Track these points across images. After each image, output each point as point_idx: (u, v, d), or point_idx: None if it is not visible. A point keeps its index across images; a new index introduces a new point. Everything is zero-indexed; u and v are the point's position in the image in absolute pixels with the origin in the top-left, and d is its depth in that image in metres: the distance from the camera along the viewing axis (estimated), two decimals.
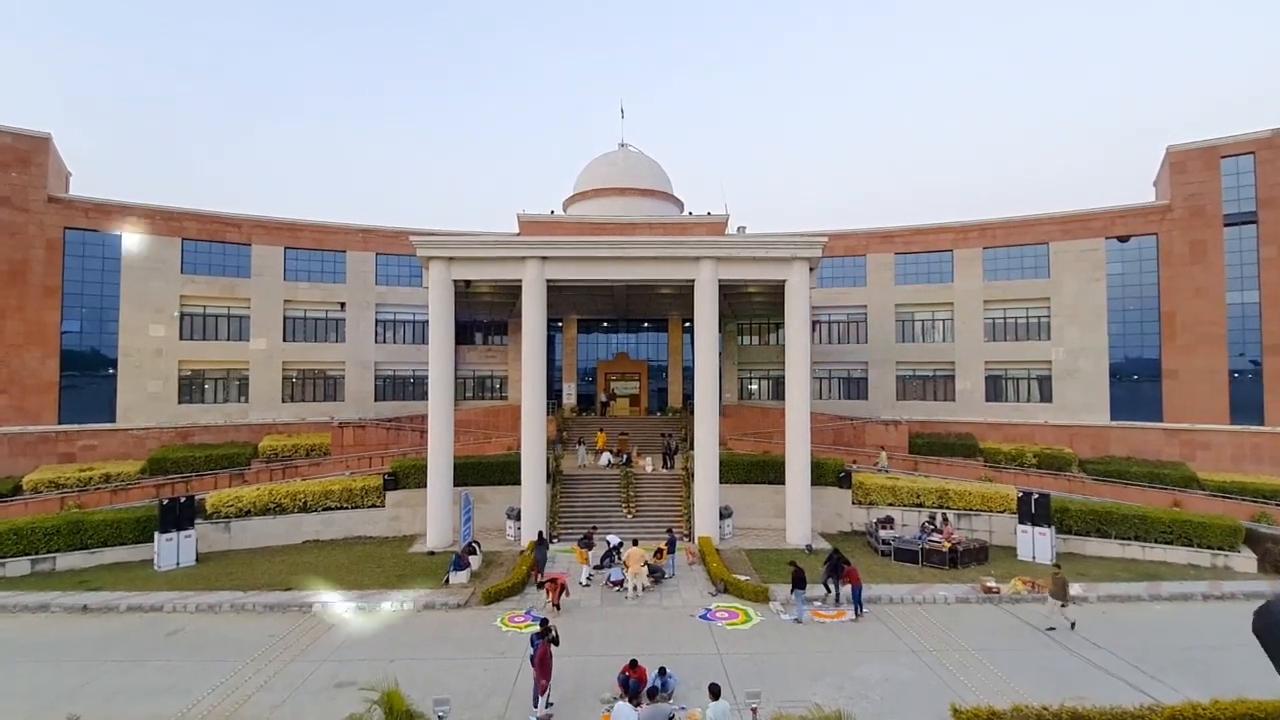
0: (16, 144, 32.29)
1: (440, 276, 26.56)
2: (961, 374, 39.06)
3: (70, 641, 17.32)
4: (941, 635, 17.52)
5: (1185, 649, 16.57)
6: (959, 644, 16.91)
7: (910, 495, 28.04)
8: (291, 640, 17.25)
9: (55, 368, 32.82)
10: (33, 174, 32.52)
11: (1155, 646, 16.70)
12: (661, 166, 46.78)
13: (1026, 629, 18.10)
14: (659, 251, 26.85)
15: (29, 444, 31.87)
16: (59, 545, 23.32)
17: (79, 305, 33.72)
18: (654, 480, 30.95)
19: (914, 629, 17.96)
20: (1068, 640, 17.16)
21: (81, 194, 35.19)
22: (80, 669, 15.58)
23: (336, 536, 27.34)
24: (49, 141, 33.26)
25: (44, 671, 15.44)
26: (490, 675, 15.20)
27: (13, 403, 31.75)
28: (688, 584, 21.84)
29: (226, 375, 37.28)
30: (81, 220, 33.79)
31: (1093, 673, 15.36)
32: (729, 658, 16.12)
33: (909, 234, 40.82)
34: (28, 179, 32.37)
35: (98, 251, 34.17)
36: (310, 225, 39.58)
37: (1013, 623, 18.61)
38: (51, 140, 33.44)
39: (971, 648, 16.66)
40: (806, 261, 26.81)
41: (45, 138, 33.10)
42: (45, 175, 32.93)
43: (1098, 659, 16.08)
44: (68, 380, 33.23)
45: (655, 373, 43.62)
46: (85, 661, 16.00)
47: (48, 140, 33.19)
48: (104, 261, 34.29)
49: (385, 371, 40.97)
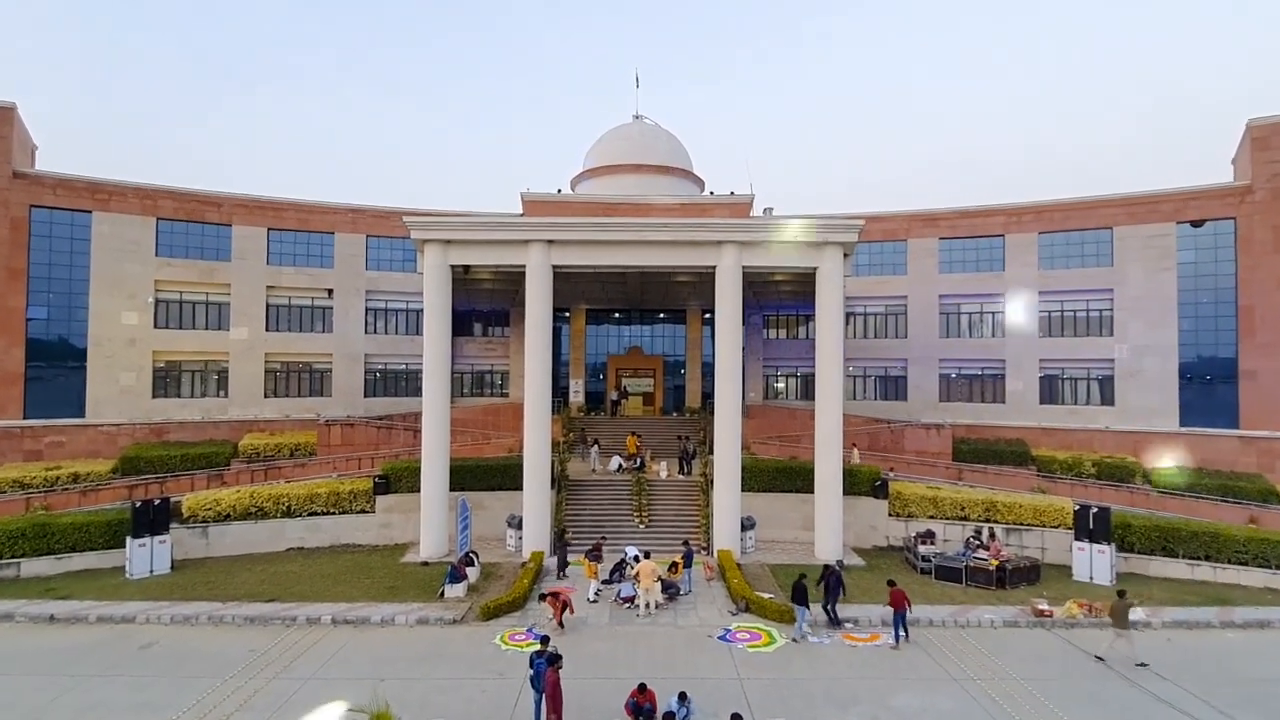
0: None
1: (436, 261, 26.70)
2: (1013, 373, 38.72)
3: (37, 654, 17.66)
4: (987, 662, 17.44)
5: (1261, 682, 16.38)
6: (1006, 672, 16.82)
7: (954, 507, 27.89)
8: (274, 656, 17.50)
9: (20, 358, 33.44)
10: None
11: (1227, 679, 16.51)
12: (680, 141, 46.70)
13: (1082, 657, 17.96)
14: (677, 235, 26.82)
15: None
16: (24, 550, 23.79)
17: (46, 290, 34.31)
18: (669, 487, 31.01)
19: (956, 655, 17.90)
20: (1128, 670, 17.02)
21: (49, 169, 35.73)
22: (47, 684, 15.89)
23: (323, 544, 27.67)
24: (13, 112, 33.80)
25: (9, 686, 15.76)
26: (488, 698, 15.34)
27: None
28: (705, 601, 21.88)
29: (204, 367, 37.79)
30: (49, 198, 34.33)
31: (1155, 707, 15.22)
32: (750, 683, 16.15)
33: (955, 217, 40.48)
34: None
35: (66, 232, 34.73)
36: (295, 204, 39.95)
37: (1067, 650, 18.48)
38: (16, 110, 33.97)
39: (1020, 676, 16.57)
40: (840, 247, 26.66)
41: (10, 107, 33.63)
42: (10, 148, 33.48)
43: (1162, 691, 15.93)
44: (34, 371, 33.86)
45: (671, 369, 43.63)
46: (53, 676, 16.32)
47: (12, 110, 33.72)
48: (73, 243, 34.85)
49: (376, 365, 41.32)
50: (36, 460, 32.83)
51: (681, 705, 13.40)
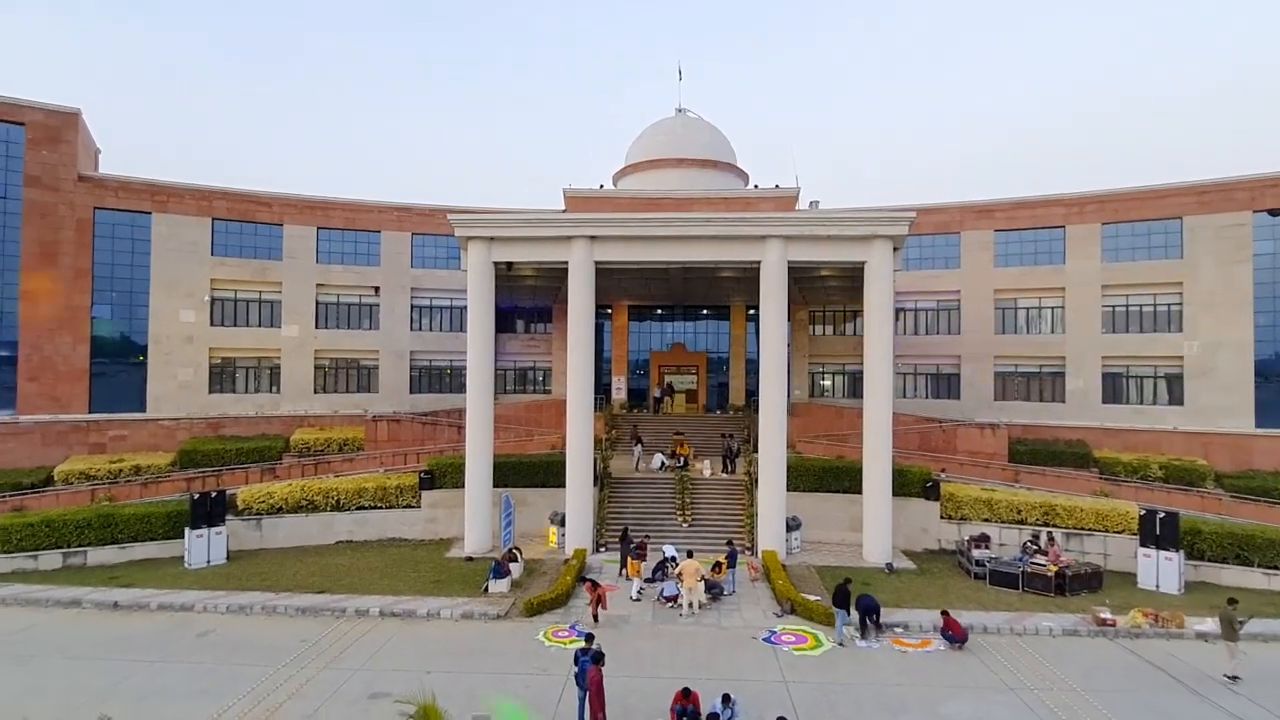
0: (47, 120, 34.55)
1: (480, 258, 27.11)
2: (1073, 371, 37.44)
3: (102, 639, 18.60)
4: (1044, 672, 16.96)
5: None
6: (1065, 682, 16.34)
7: (1010, 510, 27.16)
8: (324, 646, 18.07)
9: (86, 354, 35.13)
10: (63, 152, 34.76)
11: None
12: (723, 134, 46.42)
13: (1147, 669, 17.34)
14: (720, 230, 26.68)
15: (60, 433, 34.26)
16: (90, 539, 25.07)
17: (109, 289, 35.98)
18: (712, 486, 30.92)
19: (1011, 663, 17.45)
20: (1198, 683, 16.35)
21: (111, 172, 37.41)
22: (112, 668, 16.74)
23: (370, 537, 28.42)
24: (78, 117, 35.47)
25: (76, 670, 16.65)
26: (532, 693, 15.57)
27: (44, 390, 34.16)
28: (749, 603, 21.79)
29: (258, 364, 39.12)
30: (111, 200, 35.94)
31: None
32: (796, 687, 16.03)
33: (1012, 207, 39.30)
34: (57, 157, 34.62)
35: (127, 233, 36.33)
36: (343, 203, 41.00)
37: (1131, 661, 17.86)
38: (81, 116, 35.65)
39: (1080, 687, 16.07)
40: (890, 240, 26.17)
41: (75, 113, 35.29)
42: (75, 153, 35.16)
43: (1234, 707, 15.28)
44: (98, 367, 35.54)
45: (715, 366, 43.45)
46: (117, 661, 17.19)
47: (77, 116, 35.39)
48: (134, 243, 36.44)
49: (421, 361, 42.17)
50: (101, 453, 34.47)
51: (726, 707, 13.37)
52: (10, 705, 14.56)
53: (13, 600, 21.39)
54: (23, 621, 19.87)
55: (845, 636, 18.67)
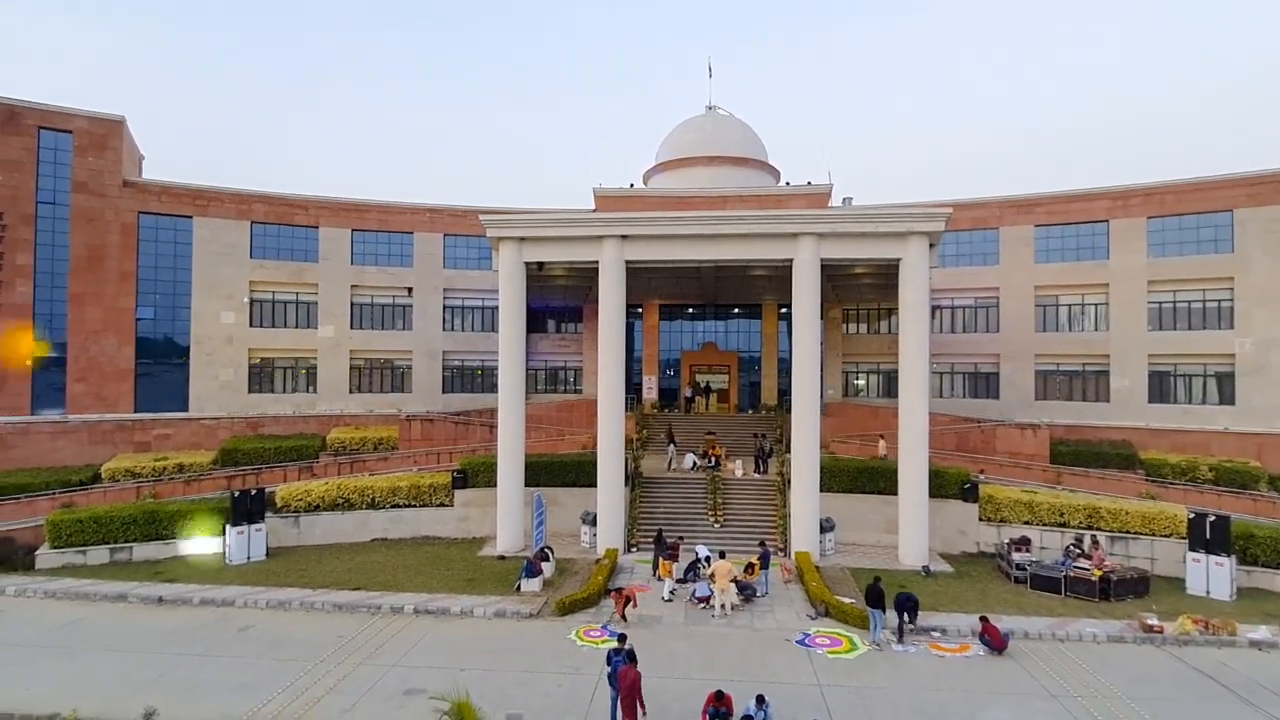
0: (93, 128, 35.73)
1: (511, 258, 27.34)
2: (1118, 369, 36.46)
3: (147, 633, 19.20)
4: (1088, 679, 16.56)
5: None
6: (1110, 690, 15.93)
7: (1051, 513, 26.57)
8: (360, 642, 18.41)
9: (131, 355, 36.27)
10: (108, 158, 35.93)
11: None
12: (754, 131, 46.17)
13: (1196, 677, 16.82)
14: (752, 227, 26.55)
15: (107, 432, 35.42)
16: (136, 535, 25.89)
17: (153, 291, 37.10)
18: (744, 486, 30.79)
19: (1053, 669, 17.07)
20: (1251, 692, 15.82)
21: (154, 177, 38.54)
22: (157, 661, 17.27)
23: (404, 535, 28.86)
24: (123, 125, 36.62)
25: (123, 661, 17.22)
26: (564, 692, 15.67)
27: (92, 390, 35.35)
28: (782, 604, 21.64)
29: (295, 364, 40.00)
30: (154, 204, 37.05)
31: None
32: (830, 690, 15.88)
33: (1053, 201, 38.41)
34: (103, 163, 35.79)
35: (170, 236, 37.42)
36: (376, 205, 41.70)
37: (1179, 669, 17.34)
38: (125, 123, 36.79)
39: (1126, 696, 15.65)
40: (926, 236, 25.78)
41: (120, 121, 36.44)
42: (120, 159, 36.31)
43: None
44: (142, 368, 36.68)
45: (746, 365, 43.24)
46: (161, 654, 17.73)
47: (122, 123, 36.54)
48: (176, 246, 37.53)
49: (453, 361, 42.68)
50: (145, 451, 35.54)
51: (759, 709, 13.31)
52: (60, 696, 15.10)
53: (63, 594, 22.19)
54: (72, 615, 20.60)
55: (881, 637, 18.48)
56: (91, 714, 14.26)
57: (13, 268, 34.00)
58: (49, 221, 34.83)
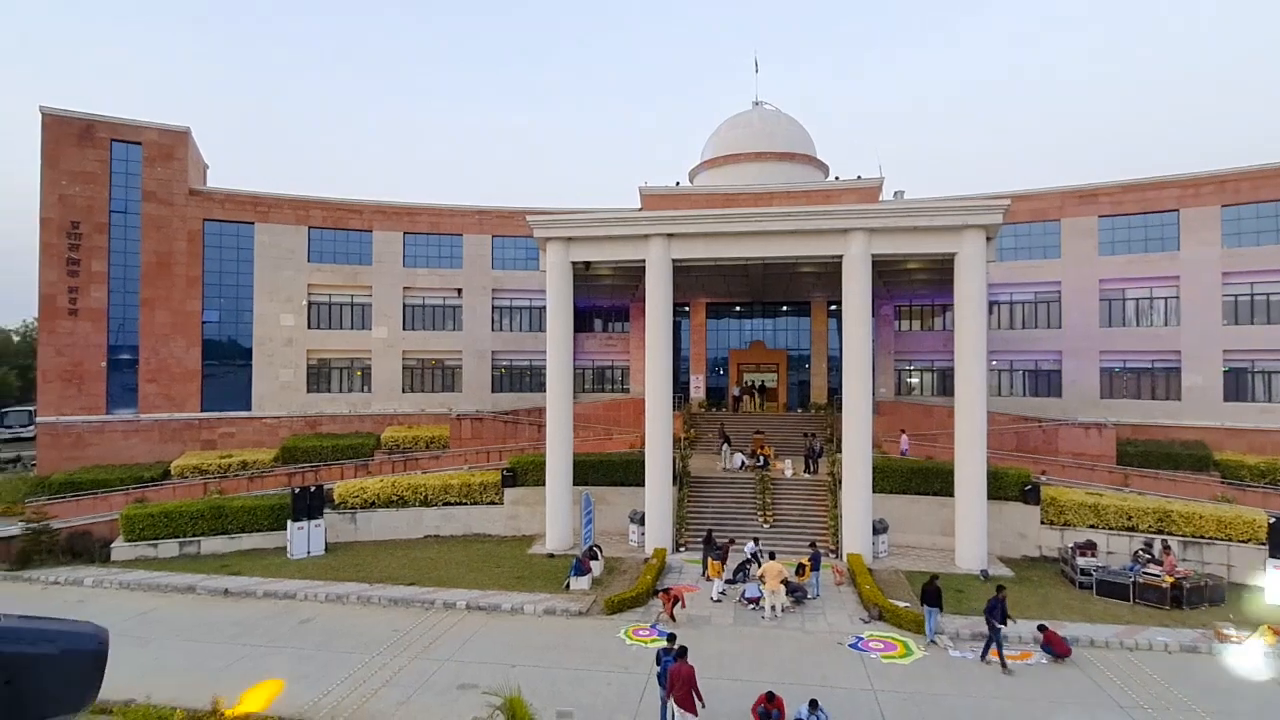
0: (161, 139, 37.43)
1: (558, 258, 27.58)
2: (1190, 366, 34.80)
3: (214, 623, 20.04)
4: (1159, 690, 15.87)
5: None
6: (1183, 703, 15.25)
7: (1118, 516, 25.53)
8: (415, 637, 18.86)
9: (198, 357, 37.91)
10: (175, 168, 37.60)
11: None
12: (802, 125, 45.58)
13: (1277, 691, 15.95)
14: (800, 224, 26.19)
15: (176, 430, 37.10)
16: (203, 529, 27.07)
17: (217, 295, 38.71)
18: (794, 486, 30.44)
19: (1121, 679, 16.41)
20: None
21: (218, 185, 40.17)
22: (224, 650, 18.02)
23: (456, 533, 29.43)
24: (188, 135, 38.26)
25: (193, 651, 18.03)
26: (614, 690, 15.76)
27: (161, 390, 37.06)
28: (834, 607, 21.33)
29: (350, 364, 41.20)
30: (218, 212, 38.62)
31: None
32: (885, 696, 15.60)
33: (1118, 191, 36.88)
34: (170, 173, 37.48)
35: (233, 242, 38.98)
36: (427, 208, 42.59)
37: (1258, 682, 16.46)
38: (190, 134, 38.42)
39: (1201, 709, 14.96)
40: (983, 230, 25.04)
41: (184, 132, 38.09)
42: (186, 169, 37.96)
43: None
44: (208, 369, 38.32)
45: (795, 363, 42.73)
46: (228, 644, 18.49)
47: (187, 134, 38.18)
48: (238, 251, 39.07)
49: (502, 361, 43.32)
50: (211, 449, 37.11)
51: (813, 714, 13.16)
52: (135, 683, 15.86)
53: (136, 585, 23.35)
54: (145, 605, 21.66)
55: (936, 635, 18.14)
56: (164, 700, 14.95)
57: (89, 274, 35.88)
58: (121, 230, 36.65)
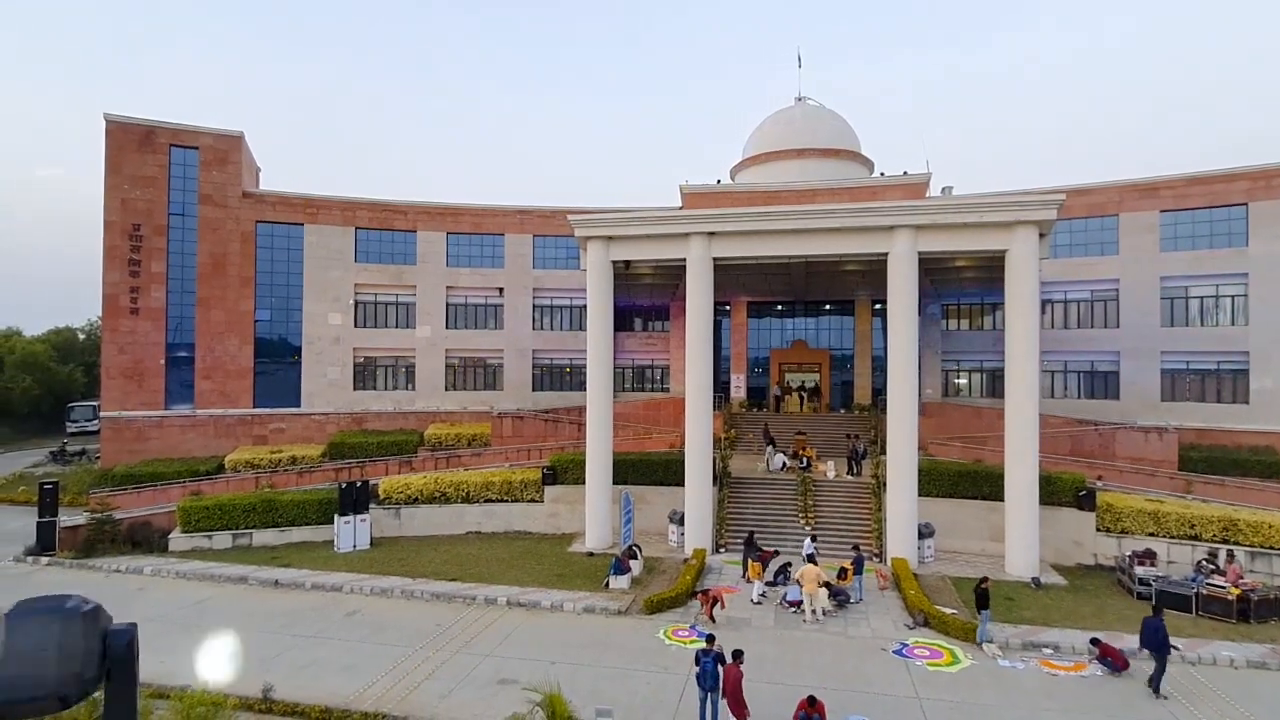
0: (216, 144, 38.76)
1: (598, 257, 27.68)
2: (1259, 367, 33.19)
3: (265, 613, 20.69)
4: (1226, 708, 15.19)
5: None
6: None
7: (1180, 524, 24.49)
8: (456, 631, 19.16)
9: (250, 354, 39.17)
10: (229, 172, 38.90)
11: None
12: (847, 121, 44.92)
13: None
14: (844, 221, 25.80)
15: (229, 426, 38.39)
16: (255, 522, 27.96)
17: (269, 295, 39.93)
18: (836, 488, 30.01)
19: (1183, 694, 15.76)
20: None
21: (270, 188, 41.42)
22: (274, 640, 18.58)
23: (497, 529, 29.80)
24: (241, 139, 39.54)
25: (245, 640, 18.55)
26: (652, 689, 15.77)
27: (216, 387, 38.40)
28: (878, 612, 20.96)
29: (395, 363, 42.06)
30: (270, 213, 39.83)
31: None
32: (931, 705, 15.25)
33: (1181, 185, 35.37)
34: (225, 176, 38.79)
35: (284, 243, 40.16)
36: (469, 209, 43.21)
37: None
38: (244, 138, 39.69)
39: None
40: (1035, 226, 24.30)
41: (239, 136, 39.37)
42: (240, 172, 39.25)
43: None
44: (260, 366, 39.55)
45: (838, 363, 42.13)
46: (278, 634, 19.05)
47: (240, 139, 39.45)
48: (289, 252, 40.23)
49: (543, 360, 43.70)
50: (263, 444, 38.30)
51: None
52: (190, 669, 16.45)
53: (192, 575, 24.24)
54: (201, 594, 22.47)
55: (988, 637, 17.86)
56: (217, 687, 15.45)
57: (149, 274, 37.36)
58: (179, 232, 38.09)
